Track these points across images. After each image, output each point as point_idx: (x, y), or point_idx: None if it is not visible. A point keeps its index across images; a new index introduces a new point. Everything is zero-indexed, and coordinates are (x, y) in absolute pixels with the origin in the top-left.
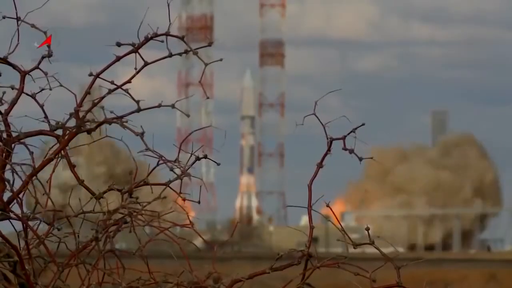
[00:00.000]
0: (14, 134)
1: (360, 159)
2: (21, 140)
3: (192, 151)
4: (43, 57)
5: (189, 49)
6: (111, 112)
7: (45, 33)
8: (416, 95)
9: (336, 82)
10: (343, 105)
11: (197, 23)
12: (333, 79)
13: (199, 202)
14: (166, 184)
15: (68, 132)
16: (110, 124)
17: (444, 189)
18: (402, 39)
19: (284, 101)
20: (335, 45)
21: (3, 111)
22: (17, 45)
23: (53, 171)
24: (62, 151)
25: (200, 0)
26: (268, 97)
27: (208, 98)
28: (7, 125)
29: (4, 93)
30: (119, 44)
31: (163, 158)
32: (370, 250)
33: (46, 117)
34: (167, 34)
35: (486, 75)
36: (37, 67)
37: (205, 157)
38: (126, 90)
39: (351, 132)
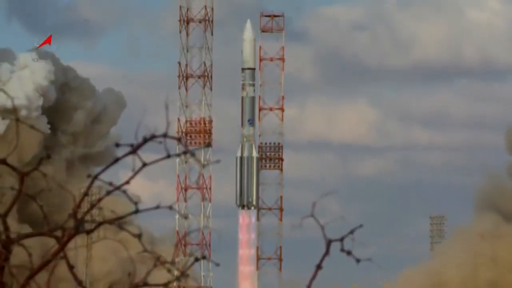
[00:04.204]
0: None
1: (358, 260)
2: (20, 242)
3: (191, 252)
4: (41, 159)
5: (187, 151)
6: (112, 211)
7: None
8: (415, 200)
9: (336, 186)
10: (342, 209)
11: (196, 127)
12: (333, 183)
13: None
14: (165, 285)
15: (67, 233)
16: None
17: None
18: (403, 143)
19: (283, 205)
20: (335, 149)
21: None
22: (16, 145)
23: (52, 272)
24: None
25: (199, 105)
26: (267, 201)
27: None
28: (6, 227)
29: (4, 194)
30: (118, 145)
31: (160, 259)
32: None
33: (45, 217)
34: (165, 135)
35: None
36: (36, 169)
37: (204, 258)
38: (125, 192)
39: (349, 233)
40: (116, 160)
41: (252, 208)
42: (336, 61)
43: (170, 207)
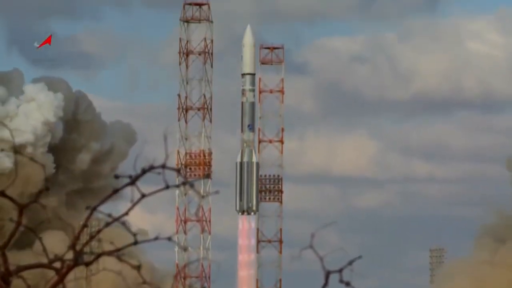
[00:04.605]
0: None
1: None
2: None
3: (190, 284)
4: (40, 191)
5: (186, 182)
6: (111, 243)
7: None
8: (415, 232)
9: (336, 218)
10: (342, 241)
11: (196, 159)
12: (333, 215)
13: None
14: None
15: (66, 264)
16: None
17: None
18: (403, 175)
19: (283, 237)
20: (335, 181)
21: None
22: (15, 178)
23: None
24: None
25: (199, 137)
26: (266, 233)
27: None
28: (5, 259)
29: (3, 227)
30: (116, 177)
31: None
32: None
33: (44, 249)
34: (163, 166)
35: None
36: (35, 201)
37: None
38: (124, 223)
39: (348, 264)
40: (115, 191)
41: (252, 213)
42: (336, 93)
43: (169, 238)
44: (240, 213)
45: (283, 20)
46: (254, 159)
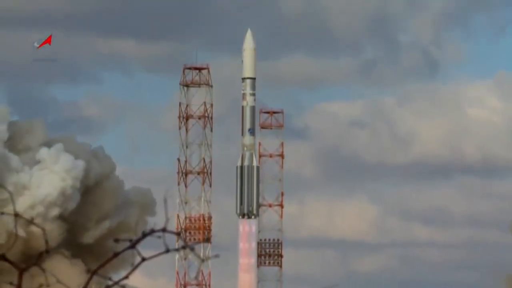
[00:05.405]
0: None
1: None
2: None
3: None
4: (40, 254)
5: (186, 246)
6: None
7: None
8: None
9: (336, 283)
10: None
11: (195, 223)
12: (333, 279)
13: None
14: None
15: None
16: None
17: None
18: (403, 240)
19: None
20: (335, 245)
21: None
22: (15, 241)
23: None
24: None
25: (199, 201)
26: None
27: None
28: None
29: None
30: (117, 241)
31: None
32: None
33: None
34: (163, 230)
35: (485, 278)
36: (35, 264)
37: None
38: (124, 287)
39: None
40: (115, 255)
41: (253, 217)
42: (336, 157)
43: None
44: (240, 217)
45: (283, 85)
46: (255, 163)
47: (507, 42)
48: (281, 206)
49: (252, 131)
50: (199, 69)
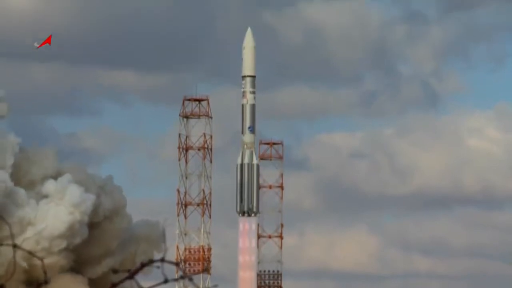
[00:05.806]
0: None
1: None
2: None
3: None
4: (39, 284)
5: (185, 276)
6: None
7: None
8: None
9: None
10: None
11: (195, 254)
12: None
13: None
14: None
15: None
16: None
17: None
18: (403, 271)
19: None
20: (335, 277)
21: None
22: (13, 272)
23: None
24: None
25: (198, 233)
26: None
27: None
28: None
29: None
30: (115, 271)
31: None
32: None
33: None
34: (162, 260)
35: None
36: None
37: None
38: None
39: None
40: (113, 285)
41: (253, 215)
42: (335, 188)
43: None
44: (240, 215)
45: (283, 116)
46: (255, 161)
47: (507, 73)
48: (281, 237)
49: (252, 129)
50: (199, 100)
